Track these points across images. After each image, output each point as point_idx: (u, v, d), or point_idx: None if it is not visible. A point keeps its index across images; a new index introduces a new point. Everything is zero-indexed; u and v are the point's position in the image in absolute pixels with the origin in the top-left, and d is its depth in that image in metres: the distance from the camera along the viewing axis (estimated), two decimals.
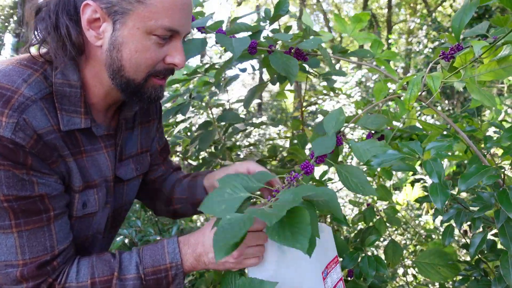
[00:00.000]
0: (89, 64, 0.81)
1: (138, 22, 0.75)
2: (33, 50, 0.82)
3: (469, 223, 0.97)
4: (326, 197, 0.69)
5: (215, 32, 1.05)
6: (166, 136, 1.25)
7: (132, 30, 0.75)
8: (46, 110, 0.75)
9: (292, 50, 1.08)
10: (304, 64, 1.23)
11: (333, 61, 1.12)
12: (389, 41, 9.65)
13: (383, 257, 1.22)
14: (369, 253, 1.16)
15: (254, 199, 0.73)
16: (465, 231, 2.69)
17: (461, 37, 0.87)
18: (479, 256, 1.08)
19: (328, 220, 1.76)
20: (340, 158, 1.18)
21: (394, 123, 1.19)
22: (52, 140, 0.75)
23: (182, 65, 0.82)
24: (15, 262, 0.74)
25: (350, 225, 1.41)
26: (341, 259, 1.15)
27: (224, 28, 1.08)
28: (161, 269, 0.81)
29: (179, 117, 1.86)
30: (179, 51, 0.81)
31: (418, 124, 1.15)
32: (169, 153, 1.17)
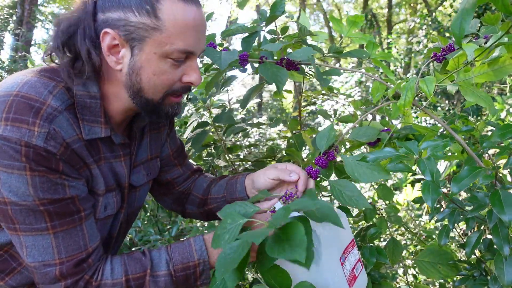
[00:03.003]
0: (110, 84, 0.85)
1: (155, 48, 0.79)
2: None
3: None
4: (322, 209, 0.71)
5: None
6: None
7: (149, 55, 0.79)
8: (71, 120, 0.79)
9: (283, 61, 1.10)
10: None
11: (333, 61, 1.13)
12: (389, 40, 9.66)
13: None
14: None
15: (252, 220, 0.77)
16: (466, 232, 2.69)
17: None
18: (476, 255, 1.08)
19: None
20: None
21: (393, 121, 1.20)
22: (78, 149, 0.80)
23: (198, 83, 0.86)
24: (52, 262, 0.78)
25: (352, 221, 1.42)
26: None
27: (224, 27, 1.09)
28: (189, 265, 0.86)
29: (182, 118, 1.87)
30: (195, 70, 0.85)
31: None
32: (186, 157, 1.19)
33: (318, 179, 0.99)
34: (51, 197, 0.75)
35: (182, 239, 0.90)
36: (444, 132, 1.04)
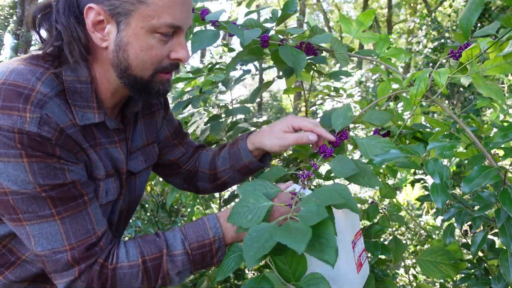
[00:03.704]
0: (97, 64, 0.83)
1: (141, 22, 0.77)
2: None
3: (469, 223, 0.97)
4: (342, 197, 0.70)
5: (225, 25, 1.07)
6: None
7: (135, 30, 0.78)
8: (63, 106, 0.77)
9: (303, 45, 1.09)
10: (310, 61, 1.23)
11: (333, 61, 1.13)
12: (390, 40, 9.64)
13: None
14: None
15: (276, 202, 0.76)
16: (466, 231, 2.70)
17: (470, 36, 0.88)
18: (479, 255, 1.09)
19: None
20: None
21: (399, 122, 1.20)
22: (73, 134, 0.78)
23: (187, 60, 0.85)
24: (62, 248, 0.77)
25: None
26: None
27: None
28: (205, 243, 0.86)
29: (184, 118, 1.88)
30: (183, 46, 0.83)
31: (423, 121, 1.16)
32: (186, 135, 1.18)
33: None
34: (51, 183, 0.74)
35: (196, 219, 0.89)
36: (455, 127, 1.04)
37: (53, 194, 0.75)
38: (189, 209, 2.37)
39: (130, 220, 2.68)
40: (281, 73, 1.30)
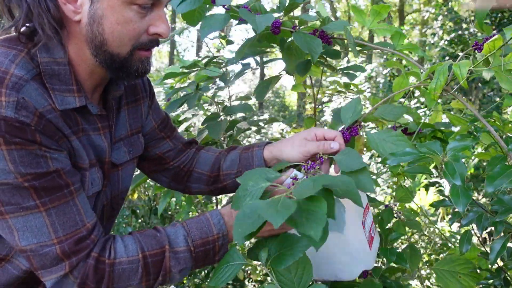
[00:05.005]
0: (71, 41, 0.83)
1: None
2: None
3: (488, 230, 0.98)
4: (344, 186, 0.72)
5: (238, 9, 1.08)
6: None
7: (111, 1, 0.77)
8: (40, 90, 0.77)
9: (316, 33, 1.11)
10: (321, 54, 1.24)
11: (342, 55, 1.14)
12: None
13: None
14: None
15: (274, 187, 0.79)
16: (484, 239, 2.71)
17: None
18: (498, 264, 1.09)
19: None
20: None
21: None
22: (53, 119, 0.77)
23: (167, 35, 0.85)
24: (50, 242, 0.76)
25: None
26: None
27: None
28: (209, 240, 0.87)
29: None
30: (163, 20, 0.83)
31: (444, 119, 1.16)
32: (174, 129, 1.18)
33: None
34: (34, 172, 0.73)
35: (198, 215, 0.91)
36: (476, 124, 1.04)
37: (36, 184, 0.74)
38: (183, 216, 2.38)
39: (119, 227, 2.69)
40: (294, 67, 1.30)
